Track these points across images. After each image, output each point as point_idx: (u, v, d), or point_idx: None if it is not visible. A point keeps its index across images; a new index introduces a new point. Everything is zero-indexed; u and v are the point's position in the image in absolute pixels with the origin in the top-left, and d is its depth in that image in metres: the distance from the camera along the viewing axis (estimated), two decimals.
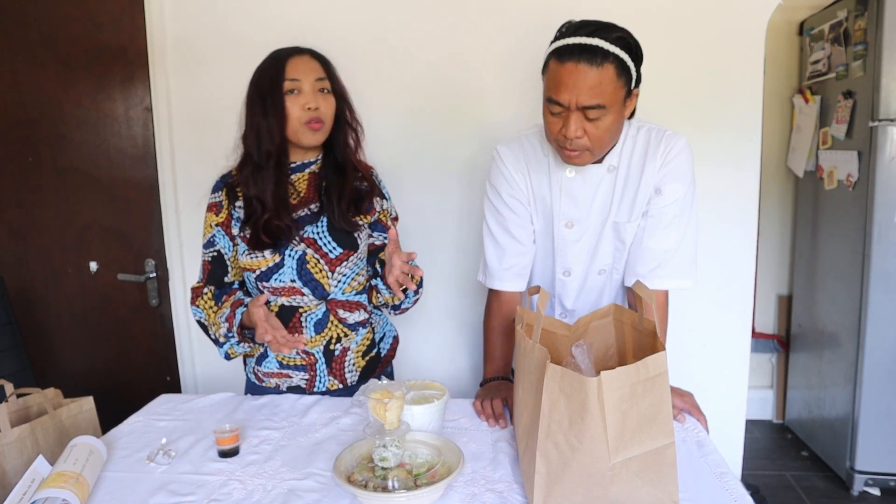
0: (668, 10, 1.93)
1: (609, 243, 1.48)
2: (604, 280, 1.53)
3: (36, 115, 2.14)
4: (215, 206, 1.51)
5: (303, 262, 1.47)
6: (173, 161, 2.12)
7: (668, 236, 1.44)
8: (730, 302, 2.05)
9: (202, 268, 1.53)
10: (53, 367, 2.29)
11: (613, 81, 1.25)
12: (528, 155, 1.49)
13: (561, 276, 1.54)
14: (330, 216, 1.48)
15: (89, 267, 2.20)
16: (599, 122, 1.28)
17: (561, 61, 1.26)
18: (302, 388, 1.55)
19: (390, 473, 1.07)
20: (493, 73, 1.99)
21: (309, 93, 1.42)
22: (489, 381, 1.53)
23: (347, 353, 1.55)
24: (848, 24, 2.65)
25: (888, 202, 2.51)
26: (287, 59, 1.43)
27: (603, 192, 1.45)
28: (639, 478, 0.98)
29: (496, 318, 1.57)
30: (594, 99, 1.24)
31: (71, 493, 1.02)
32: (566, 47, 1.25)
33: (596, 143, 1.31)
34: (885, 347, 2.59)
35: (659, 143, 1.41)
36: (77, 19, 2.06)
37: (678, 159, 1.41)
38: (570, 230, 1.48)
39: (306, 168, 1.52)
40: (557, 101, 1.27)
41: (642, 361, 0.96)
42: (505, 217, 1.51)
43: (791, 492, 2.77)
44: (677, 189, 1.42)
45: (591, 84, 1.23)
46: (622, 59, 1.25)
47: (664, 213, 1.43)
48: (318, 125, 1.43)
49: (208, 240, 1.51)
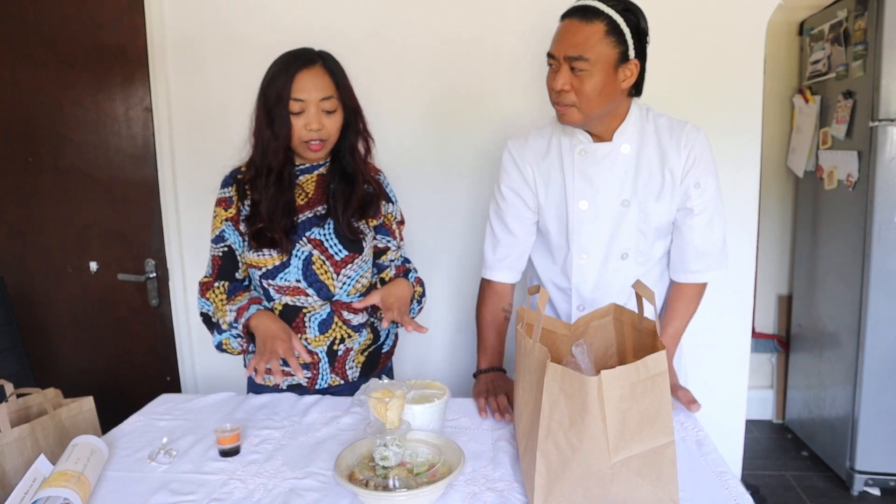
0: (668, 11, 1.93)
1: (631, 225, 1.49)
2: (628, 266, 1.52)
3: (36, 115, 2.14)
4: (224, 202, 1.51)
5: (308, 262, 1.47)
6: (173, 161, 2.12)
7: (713, 229, 1.50)
8: (730, 302, 2.05)
9: (211, 262, 1.53)
10: (53, 367, 2.29)
11: (601, 39, 1.32)
12: (538, 143, 1.53)
13: (578, 260, 1.53)
14: (335, 222, 1.49)
15: (89, 267, 2.20)
16: (585, 79, 1.33)
17: (561, 20, 1.37)
18: (303, 386, 1.55)
19: (391, 472, 1.08)
20: (499, 73, 2.00)
21: (313, 114, 1.42)
22: (484, 372, 1.56)
23: (350, 353, 1.55)
24: (848, 24, 2.65)
25: (888, 202, 2.51)
26: (296, 74, 1.40)
27: (618, 173, 1.47)
28: (639, 477, 0.98)
29: (487, 308, 1.61)
30: (578, 50, 1.31)
31: (73, 493, 1.03)
32: (569, 9, 1.37)
33: (582, 99, 1.35)
34: (885, 347, 2.59)
35: (681, 134, 1.45)
36: (77, 19, 2.06)
37: (706, 152, 1.46)
38: (584, 210, 1.49)
39: (315, 170, 1.53)
40: (551, 54, 1.37)
41: (642, 361, 0.96)
42: (501, 208, 1.57)
43: (791, 492, 2.77)
44: (711, 183, 1.47)
45: (579, 38, 1.32)
46: (614, 20, 1.32)
47: (706, 208, 1.48)
48: (317, 146, 1.44)
49: (218, 234, 1.51)
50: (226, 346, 1.50)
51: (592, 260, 1.52)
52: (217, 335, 1.49)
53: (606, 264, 1.52)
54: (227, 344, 1.49)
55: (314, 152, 1.46)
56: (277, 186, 1.46)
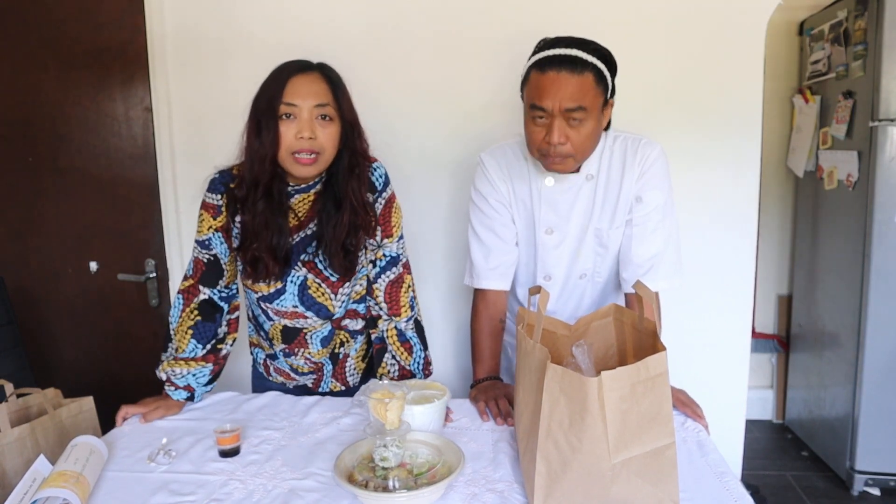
0: (668, 11, 1.93)
1: (590, 249, 1.54)
2: (584, 284, 1.59)
3: (36, 115, 2.14)
4: (213, 209, 1.41)
5: (304, 287, 1.43)
6: (173, 161, 2.12)
7: (654, 242, 1.51)
8: (730, 302, 2.05)
9: (193, 264, 1.45)
10: (53, 367, 2.28)
11: (593, 88, 1.33)
12: (511, 163, 1.55)
13: (542, 280, 1.59)
14: (327, 254, 1.39)
15: (89, 267, 2.20)
16: (581, 128, 1.34)
17: (542, 71, 1.33)
18: (308, 388, 1.55)
19: (391, 473, 1.08)
20: (486, 76, 1.99)
21: (305, 120, 1.29)
22: (481, 382, 1.54)
23: (348, 359, 1.54)
24: (848, 24, 2.65)
25: (888, 202, 2.51)
26: (289, 78, 1.30)
27: (583, 200, 1.51)
28: (639, 478, 0.98)
29: (483, 319, 1.59)
30: (576, 102, 1.31)
31: (72, 493, 1.02)
32: (547, 58, 1.33)
33: (578, 149, 1.37)
34: (885, 347, 2.59)
35: (636, 151, 1.48)
36: (77, 20, 2.06)
37: (655, 167, 1.48)
38: (550, 236, 1.54)
39: (311, 189, 1.41)
40: (541, 107, 1.33)
41: (643, 361, 0.96)
42: (491, 218, 1.57)
43: (791, 492, 2.77)
44: (657, 196, 1.49)
45: (573, 89, 1.31)
46: (599, 68, 1.34)
47: (648, 220, 1.50)
48: (307, 160, 1.30)
49: (204, 240, 1.43)
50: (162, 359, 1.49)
51: (554, 281, 1.58)
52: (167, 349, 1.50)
53: (566, 284, 1.59)
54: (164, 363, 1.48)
55: (303, 166, 1.30)
56: (266, 203, 1.33)
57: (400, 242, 1.49)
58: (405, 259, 1.51)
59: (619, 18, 1.93)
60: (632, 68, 1.88)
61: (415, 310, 1.52)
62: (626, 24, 1.93)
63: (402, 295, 1.49)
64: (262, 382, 1.60)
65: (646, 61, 1.95)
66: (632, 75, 1.89)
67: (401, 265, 1.49)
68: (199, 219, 1.45)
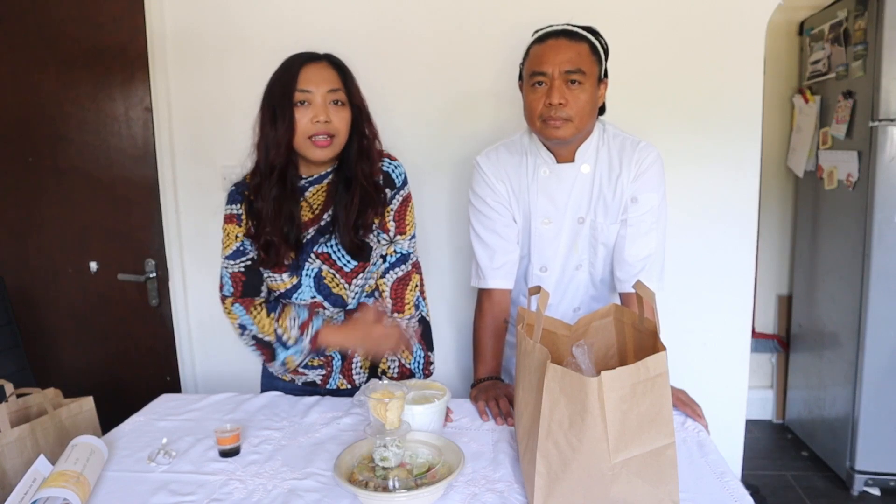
0: (668, 10, 1.93)
1: (584, 240, 1.58)
2: (581, 276, 1.61)
3: (36, 115, 2.14)
4: (235, 218, 1.45)
5: (319, 279, 1.45)
6: (173, 161, 2.12)
7: (647, 244, 1.54)
8: (730, 302, 2.05)
9: (231, 280, 1.45)
10: (53, 367, 2.29)
11: (589, 56, 1.42)
12: (507, 161, 1.58)
13: (538, 272, 1.61)
14: (339, 235, 1.43)
15: (89, 267, 2.20)
16: (580, 93, 1.40)
17: (542, 42, 1.43)
18: (316, 384, 1.55)
19: (391, 473, 1.08)
20: (490, 76, 1.99)
21: (320, 105, 1.36)
22: (482, 381, 1.55)
23: (356, 355, 1.55)
24: (848, 24, 2.65)
25: (888, 202, 2.51)
26: (301, 67, 1.37)
27: (578, 191, 1.54)
28: (639, 478, 0.98)
29: (488, 318, 1.61)
30: (575, 64, 1.39)
31: (72, 493, 1.03)
32: (545, 32, 1.45)
33: (577, 113, 1.41)
34: (885, 347, 2.59)
35: (633, 152, 1.51)
36: (77, 20, 2.06)
37: (652, 169, 1.51)
38: (546, 227, 1.57)
39: (324, 179, 1.46)
40: (541, 72, 1.41)
41: (643, 361, 0.96)
42: (492, 220, 1.59)
43: (791, 492, 2.77)
44: (652, 198, 1.52)
45: (572, 53, 1.40)
46: (593, 42, 1.44)
47: (642, 222, 1.53)
48: (324, 142, 1.37)
49: (236, 250, 1.45)
50: (288, 363, 1.46)
51: (550, 273, 1.60)
52: (283, 351, 1.43)
53: (562, 276, 1.61)
54: (291, 361, 1.45)
55: (321, 149, 1.37)
56: (280, 188, 1.39)
57: (412, 241, 1.53)
58: (415, 258, 1.54)
59: (620, 18, 1.93)
60: (632, 68, 1.90)
61: (420, 309, 1.54)
62: (626, 24, 1.93)
63: (408, 293, 1.51)
64: (272, 381, 1.60)
65: (646, 61, 1.95)
66: (632, 75, 1.91)
67: (410, 264, 1.52)
68: (223, 234, 1.47)
